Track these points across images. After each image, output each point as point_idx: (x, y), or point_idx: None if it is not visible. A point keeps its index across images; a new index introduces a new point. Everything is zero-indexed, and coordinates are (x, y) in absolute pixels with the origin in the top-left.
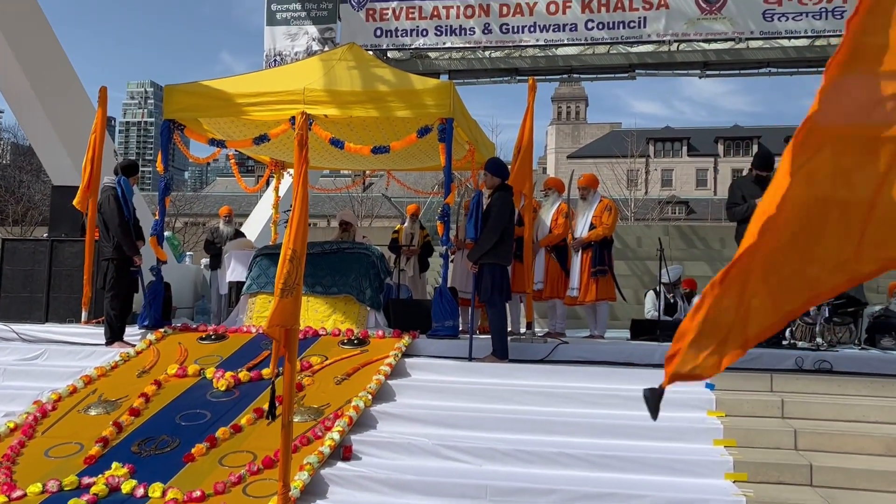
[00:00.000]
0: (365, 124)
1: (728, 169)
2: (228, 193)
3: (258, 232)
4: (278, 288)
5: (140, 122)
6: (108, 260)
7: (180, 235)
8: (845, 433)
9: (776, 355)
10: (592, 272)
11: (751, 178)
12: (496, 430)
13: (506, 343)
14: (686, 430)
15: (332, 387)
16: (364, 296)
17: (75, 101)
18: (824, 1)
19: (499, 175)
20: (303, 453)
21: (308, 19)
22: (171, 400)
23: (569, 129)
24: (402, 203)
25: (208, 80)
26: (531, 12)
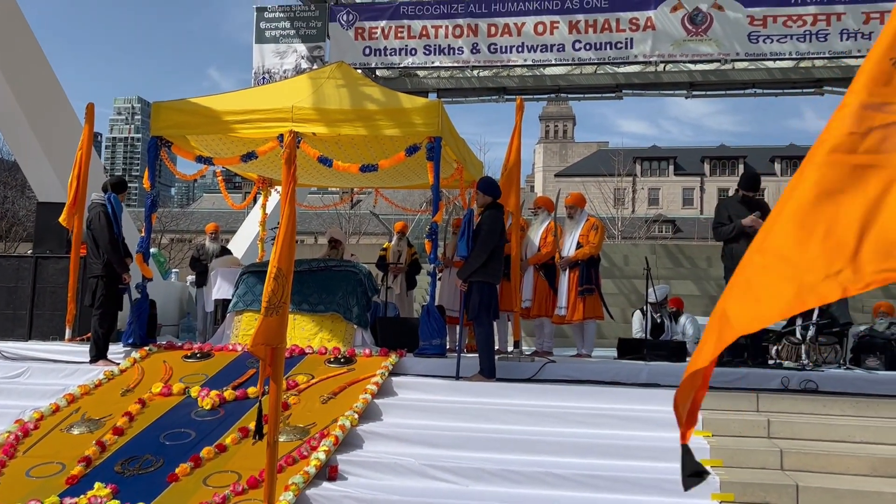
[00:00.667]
0: (353, 142)
1: (714, 188)
2: (215, 210)
3: (245, 249)
4: (263, 306)
5: (127, 138)
6: (96, 277)
7: (166, 252)
8: (831, 453)
9: (762, 375)
10: (580, 291)
11: (737, 198)
12: (483, 449)
13: (493, 362)
14: (672, 449)
15: (318, 406)
16: (351, 314)
17: (61, 117)
18: (808, 24)
19: (490, 193)
20: (288, 473)
21: (297, 37)
22: (156, 419)
23: (556, 148)
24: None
25: (196, 96)
26: (519, 32)
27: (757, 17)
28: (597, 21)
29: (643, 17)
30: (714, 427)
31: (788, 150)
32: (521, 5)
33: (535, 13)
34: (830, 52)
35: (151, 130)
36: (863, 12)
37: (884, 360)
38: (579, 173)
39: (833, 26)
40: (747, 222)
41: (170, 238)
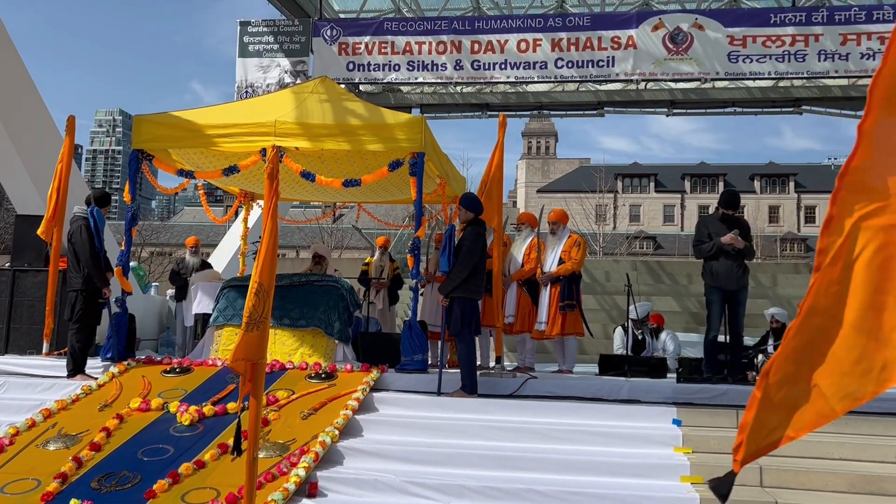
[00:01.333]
0: (336, 157)
1: (695, 205)
2: (196, 223)
3: (226, 263)
4: (244, 321)
5: (108, 151)
6: (76, 291)
7: (146, 266)
8: (810, 470)
9: (742, 392)
10: (560, 307)
11: (717, 215)
12: (465, 466)
13: (475, 377)
14: (653, 466)
15: (298, 422)
16: (332, 329)
17: (41, 129)
18: (787, 45)
19: (472, 209)
20: (267, 490)
21: (281, 52)
22: (134, 434)
23: (539, 164)
24: (373, 235)
25: (178, 109)
26: (502, 50)
27: (737, 37)
28: (579, 39)
29: (625, 36)
30: (694, 443)
31: (768, 169)
32: (504, 23)
33: (517, 31)
34: (808, 73)
35: (133, 143)
36: (840, 34)
37: None
38: (561, 189)
39: (811, 47)
40: (727, 240)
41: (150, 251)
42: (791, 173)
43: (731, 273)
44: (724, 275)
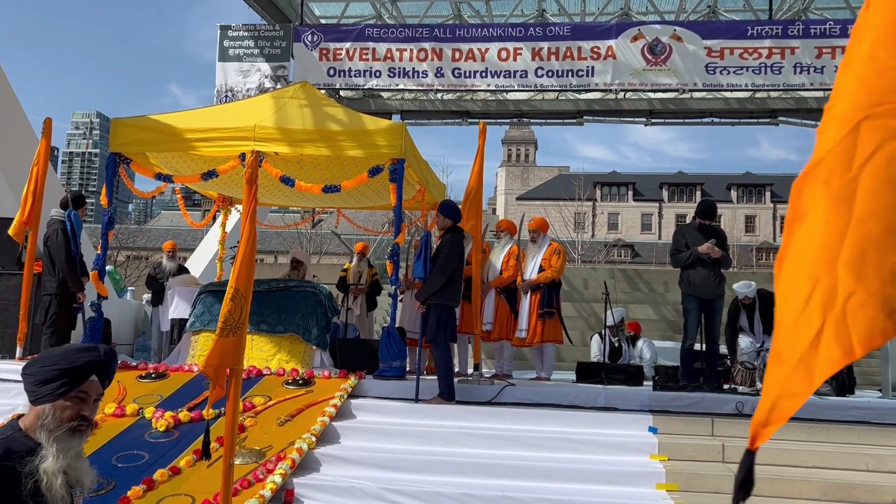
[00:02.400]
0: (316, 162)
1: (672, 214)
2: (173, 227)
3: (203, 268)
4: (219, 327)
5: (84, 153)
6: (50, 295)
7: (122, 270)
8: (784, 478)
9: (717, 400)
10: (540, 314)
11: (694, 225)
12: (442, 473)
13: (452, 384)
14: (629, 473)
15: (275, 428)
16: (310, 335)
17: (17, 130)
18: (764, 57)
19: (451, 217)
20: (243, 496)
21: (261, 56)
22: (108, 440)
23: (518, 172)
24: (352, 240)
25: (156, 112)
26: (483, 58)
27: (714, 48)
28: (559, 49)
29: (604, 46)
30: (670, 451)
31: (745, 178)
32: (485, 31)
33: (498, 39)
34: (785, 85)
35: (110, 147)
36: (815, 47)
37: (834, 385)
38: (540, 197)
39: (787, 60)
40: (703, 249)
41: (126, 255)
42: (767, 183)
43: (707, 282)
44: (701, 284)
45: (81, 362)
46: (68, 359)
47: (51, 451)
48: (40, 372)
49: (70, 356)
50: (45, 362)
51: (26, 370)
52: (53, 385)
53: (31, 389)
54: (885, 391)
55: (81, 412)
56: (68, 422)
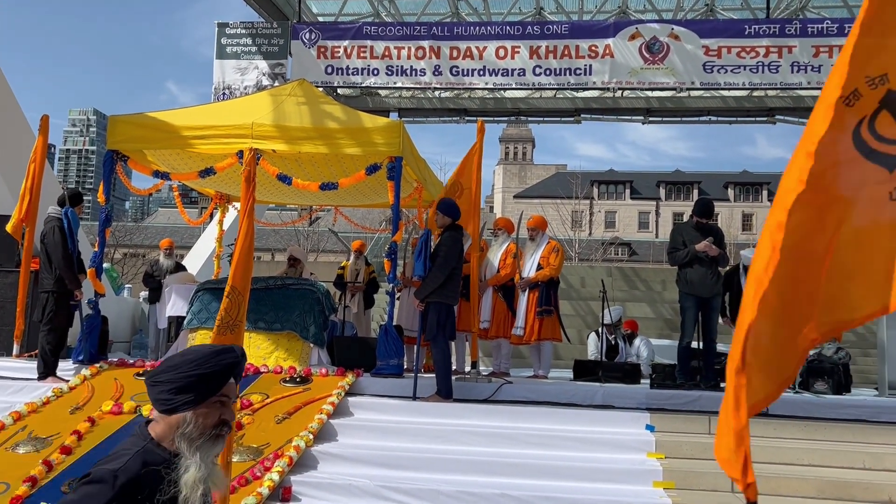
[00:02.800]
0: (313, 160)
1: (669, 212)
2: (170, 225)
3: (200, 265)
4: (216, 324)
5: (81, 150)
6: (47, 292)
7: (119, 267)
8: (780, 476)
9: (714, 398)
10: (538, 312)
11: (691, 223)
12: (439, 471)
13: (450, 382)
14: (626, 471)
15: (272, 426)
16: (307, 332)
17: (14, 127)
18: (761, 56)
19: (450, 215)
20: (240, 494)
21: (259, 54)
22: (106, 437)
23: (516, 170)
24: (349, 238)
25: (153, 109)
26: (481, 56)
27: (712, 47)
28: (557, 47)
29: (602, 45)
30: (667, 449)
31: (742, 177)
32: (483, 30)
33: (496, 38)
34: (782, 84)
35: (108, 144)
36: (812, 46)
37: (831, 384)
38: (538, 195)
39: (784, 58)
40: (701, 248)
41: (123, 253)
42: (764, 182)
43: (705, 280)
44: (698, 282)
45: (223, 365)
46: (208, 363)
47: (193, 460)
48: (178, 379)
49: (209, 360)
50: (181, 368)
51: (157, 378)
52: (193, 391)
53: (166, 398)
54: (881, 390)
55: (223, 417)
56: (211, 428)
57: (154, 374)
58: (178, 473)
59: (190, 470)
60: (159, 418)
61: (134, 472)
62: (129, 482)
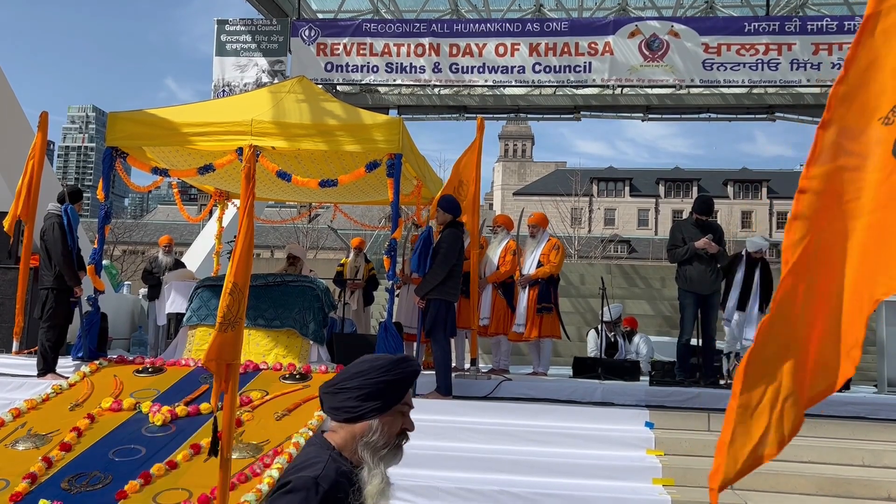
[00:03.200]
0: (313, 157)
1: (669, 210)
2: (170, 222)
3: (200, 262)
4: (218, 321)
5: (80, 147)
6: (47, 289)
7: (118, 264)
8: (779, 473)
9: (713, 395)
10: (538, 309)
11: (691, 221)
12: (438, 467)
13: (449, 379)
14: (626, 468)
15: (272, 423)
16: (307, 329)
17: (13, 124)
18: (760, 53)
19: (450, 212)
20: (240, 491)
21: (258, 51)
22: (105, 434)
23: (515, 167)
24: (349, 235)
25: (152, 106)
26: (480, 54)
27: (711, 45)
28: (556, 44)
29: (602, 42)
30: (666, 446)
31: (741, 174)
32: (483, 27)
33: (496, 35)
34: (781, 81)
35: (107, 141)
36: (812, 43)
37: None
38: (537, 192)
39: (784, 56)
40: (700, 245)
41: (122, 250)
42: (764, 179)
43: (704, 277)
44: (697, 279)
45: (408, 373)
46: (394, 370)
47: (378, 471)
48: (366, 385)
49: (396, 367)
50: (369, 375)
51: (343, 385)
52: (380, 398)
53: (352, 405)
54: (880, 387)
55: (404, 426)
56: (395, 437)
57: (337, 381)
58: (362, 484)
59: (374, 481)
60: (338, 427)
61: (332, 479)
62: (331, 489)
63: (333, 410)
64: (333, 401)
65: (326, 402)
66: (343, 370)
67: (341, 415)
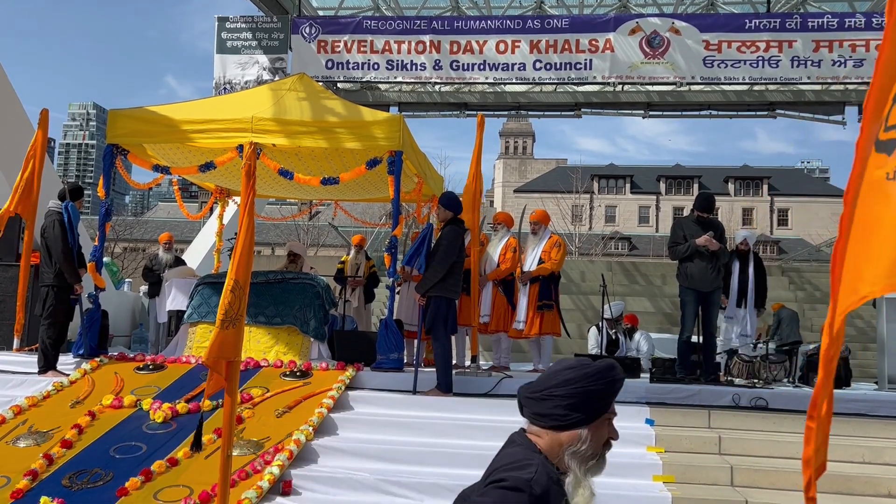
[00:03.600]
0: (313, 154)
1: (669, 207)
2: (170, 219)
3: (200, 260)
4: (219, 319)
5: (81, 145)
6: (47, 286)
7: (119, 261)
8: (780, 469)
9: (714, 392)
10: (538, 306)
11: (692, 218)
12: (439, 464)
13: (450, 376)
14: (626, 465)
15: (272, 420)
16: (308, 327)
17: (13, 121)
18: (761, 50)
19: (451, 209)
20: (241, 488)
21: (259, 49)
22: (106, 431)
23: (516, 164)
24: (349, 232)
25: (152, 103)
26: (481, 51)
27: (712, 42)
28: (557, 42)
29: (602, 39)
30: (666, 443)
31: (742, 171)
32: (483, 24)
33: (496, 32)
34: (782, 78)
35: (107, 138)
36: (813, 40)
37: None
38: (538, 189)
39: (785, 53)
40: (701, 242)
41: (123, 247)
42: (765, 176)
43: (705, 274)
44: (698, 276)
45: (616, 380)
46: (603, 378)
47: (587, 482)
48: (576, 394)
49: (605, 375)
50: (578, 383)
51: (550, 392)
52: (589, 407)
53: (561, 413)
54: (880, 384)
55: (610, 435)
56: (602, 447)
57: (543, 388)
58: (568, 494)
59: (584, 493)
60: (542, 433)
61: (544, 484)
62: (543, 494)
63: (538, 416)
64: (540, 407)
65: (530, 407)
66: (548, 375)
67: (547, 422)
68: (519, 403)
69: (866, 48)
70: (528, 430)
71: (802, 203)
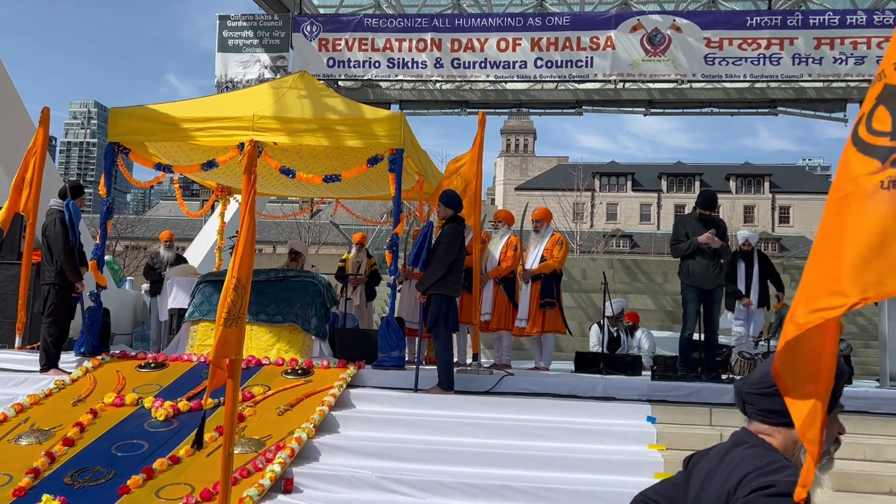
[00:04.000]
0: (314, 153)
1: (671, 204)
2: (172, 217)
3: (202, 258)
4: (221, 317)
5: (82, 143)
6: (49, 285)
7: (120, 259)
8: None
9: (716, 389)
10: (540, 304)
11: (694, 215)
12: (441, 462)
13: (451, 374)
14: (628, 463)
15: (274, 417)
16: (309, 325)
17: (14, 120)
18: (762, 48)
19: (451, 206)
20: (242, 486)
21: (260, 47)
22: (108, 430)
23: (517, 162)
24: (350, 230)
25: (153, 101)
26: (482, 49)
27: (713, 39)
28: (558, 39)
29: (603, 37)
30: (668, 440)
31: (743, 169)
32: (485, 22)
33: (497, 30)
34: (783, 76)
35: (109, 136)
36: (814, 38)
37: None
38: (539, 187)
39: (786, 50)
40: (703, 239)
41: (124, 245)
42: (766, 174)
43: (707, 272)
44: (700, 274)
45: (846, 371)
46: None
47: (824, 479)
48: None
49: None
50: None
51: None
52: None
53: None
54: (882, 381)
55: (840, 430)
56: (832, 445)
57: (772, 382)
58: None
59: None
60: (774, 431)
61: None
62: (807, 498)
63: (769, 413)
64: (769, 403)
65: (757, 403)
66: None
67: (780, 418)
68: (741, 400)
69: (868, 45)
70: (754, 428)
71: (804, 200)
